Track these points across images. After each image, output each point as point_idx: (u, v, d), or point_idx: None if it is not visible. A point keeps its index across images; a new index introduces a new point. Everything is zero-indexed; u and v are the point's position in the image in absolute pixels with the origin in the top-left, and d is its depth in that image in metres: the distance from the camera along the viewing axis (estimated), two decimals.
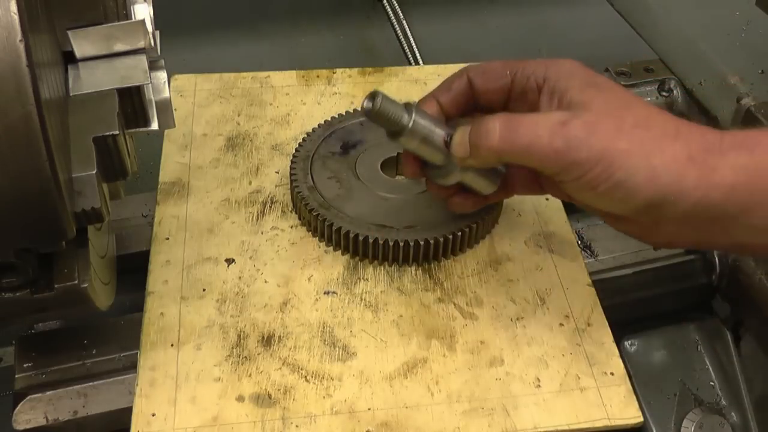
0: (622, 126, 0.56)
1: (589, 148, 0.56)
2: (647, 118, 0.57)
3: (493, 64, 0.65)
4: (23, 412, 0.64)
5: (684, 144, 0.56)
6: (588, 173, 0.56)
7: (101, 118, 0.52)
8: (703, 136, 0.57)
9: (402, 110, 0.63)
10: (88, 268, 0.54)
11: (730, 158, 0.55)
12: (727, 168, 0.55)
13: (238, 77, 0.93)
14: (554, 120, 0.57)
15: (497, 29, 1.35)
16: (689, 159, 0.55)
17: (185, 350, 0.65)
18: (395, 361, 0.65)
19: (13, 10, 0.41)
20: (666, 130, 0.57)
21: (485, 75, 0.65)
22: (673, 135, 0.56)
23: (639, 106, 0.59)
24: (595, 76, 0.61)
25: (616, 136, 0.56)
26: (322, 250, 0.74)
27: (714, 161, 0.55)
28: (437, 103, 0.66)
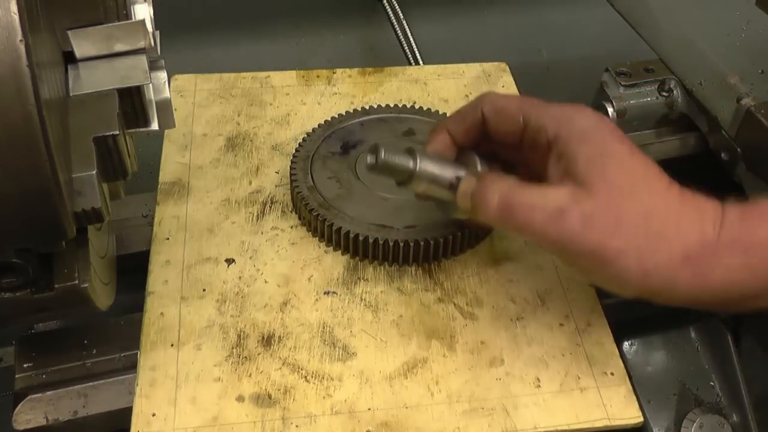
0: (620, 221, 0.56)
1: (583, 242, 0.56)
2: (649, 210, 0.56)
3: (508, 104, 0.63)
4: (23, 412, 0.64)
5: (681, 241, 0.55)
6: (580, 263, 0.57)
7: (101, 118, 0.52)
8: (702, 229, 0.56)
9: (406, 158, 0.62)
10: (88, 268, 0.54)
11: (725, 260, 0.55)
12: (721, 271, 0.55)
13: (238, 77, 0.93)
14: (552, 206, 0.57)
15: (497, 29, 1.34)
16: (684, 259, 0.55)
17: (185, 350, 0.65)
18: (395, 361, 0.65)
19: (13, 10, 0.40)
20: (666, 222, 0.56)
21: (499, 115, 0.63)
22: (673, 229, 0.56)
23: (643, 191, 0.57)
24: (606, 142, 0.58)
25: (612, 233, 0.55)
26: (322, 250, 0.74)
27: (708, 263, 0.55)
28: (449, 133, 0.65)
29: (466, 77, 0.96)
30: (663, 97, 0.96)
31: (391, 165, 0.62)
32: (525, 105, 0.62)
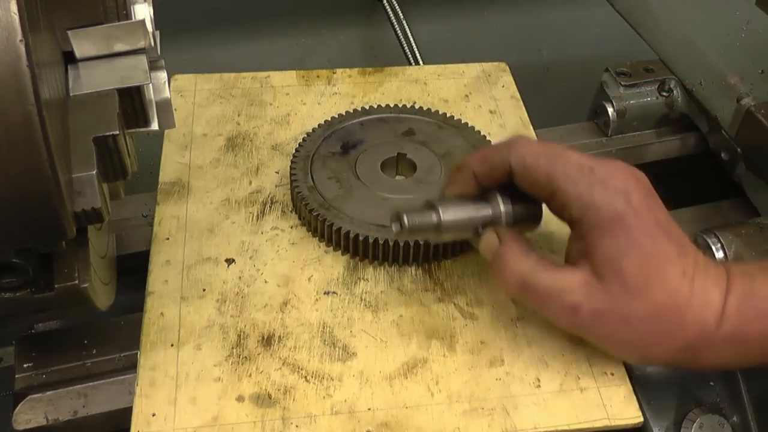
0: (629, 320, 0.59)
1: (591, 335, 0.62)
2: (658, 309, 0.58)
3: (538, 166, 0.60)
4: (23, 412, 0.64)
5: (682, 336, 0.59)
6: (589, 340, 0.63)
7: (101, 118, 0.52)
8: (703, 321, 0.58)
9: (428, 214, 0.63)
10: (88, 268, 0.54)
11: (719, 351, 0.59)
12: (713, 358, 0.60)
13: (238, 77, 0.93)
14: (567, 301, 0.59)
15: (497, 29, 1.34)
16: (684, 348, 0.59)
17: (185, 350, 0.65)
18: (395, 361, 0.65)
19: (13, 10, 0.40)
20: (672, 321, 0.58)
21: (526, 173, 0.61)
22: (678, 326, 0.58)
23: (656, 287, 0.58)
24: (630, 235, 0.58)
25: (620, 329, 0.59)
26: (322, 250, 0.74)
27: (704, 353, 0.60)
28: (473, 174, 0.63)
29: (466, 77, 0.96)
30: (663, 97, 0.96)
31: (417, 227, 0.62)
32: (556, 173, 0.60)
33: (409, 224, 0.62)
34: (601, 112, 0.97)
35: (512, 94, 0.93)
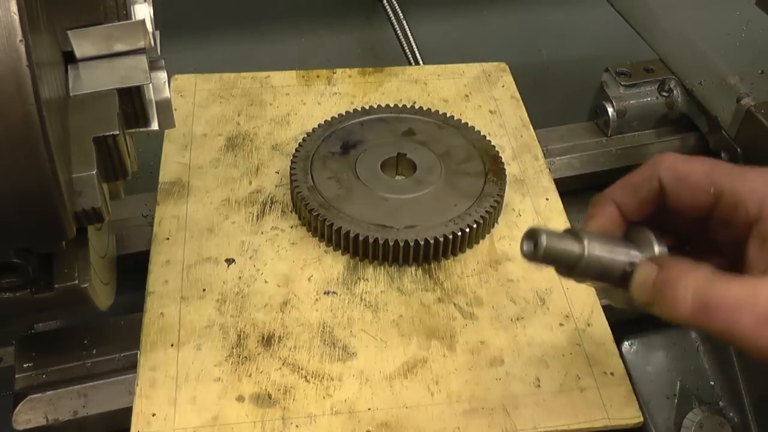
0: None
1: None
2: None
3: (693, 170, 0.52)
4: (23, 412, 0.64)
5: None
6: None
7: (101, 118, 0.52)
8: None
9: (571, 243, 0.52)
10: (88, 268, 0.54)
11: None
12: None
13: (238, 77, 0.93)
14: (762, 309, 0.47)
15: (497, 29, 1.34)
16: None
17: (185, 350, 0.65)
18: (395, 361, 0.65)
19: (13, 10, 0.40)
20: None
21: (682, 183, 0.52)
22: None
23: None
24: None
25: None
26: (322, 250, 0.74)
27: None
28: (616, 206, 0.54)
29: (466, 77, 0.96)
30: (663, 97, 0.96)
31: (554, 253, 0.51)
32: (715, 171, 0.51)
33: (546, 246, 0.51)
34: (601, 112, 0.98)
35: (512, 94, 0.93)
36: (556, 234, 0.52)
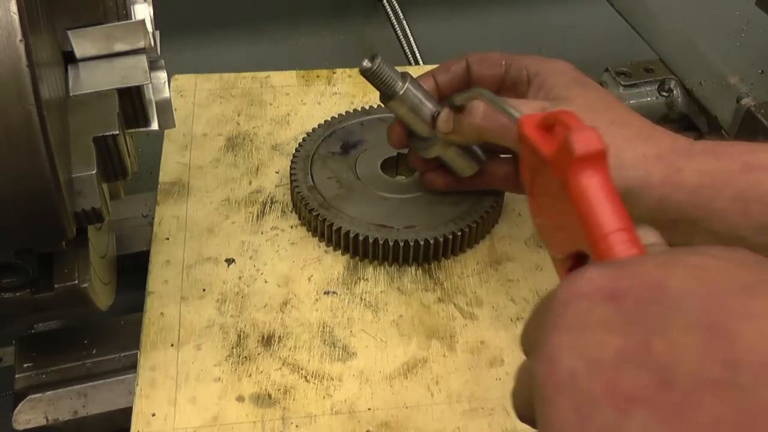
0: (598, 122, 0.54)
1: None
2: (624, 119, 0.60)
3: (492, 54, 0.69)
4: (23, 412, 0.64)
5: (654, 145, 0.58)
6: None
7: (101, 118, 0.52)
8: (674, 140, 0.59)
9: (398, 77, 0.66)
10: (88, 268, 0.54)
11: (697, 162, 0.57)
12: (692, 170, 0.57)
13: (238, 77, 0.93)
14: (535, 107, 0.60)
15: (497, 29, 1.35)
16: (657, 158, 0.58)
17: (185, 350, 0.65)
18: (395, 361, 0.65)
19: (13, 10, 0.41)
20: (640, 130, 0.60)
21: (483, 62, 0.68)
22: (646, 136, 0.59)
23: (619, 107, 0.62)
24: (584, 78, 0.64)
25: None
26: (322, 250, 0.74)
27: (681, 163, 0.57)
28: (434, 80, 0.69)
29: None
30: (663, 97, 0.96)
31: (383, 75, 0.65)
32: (507, 54, 0.68)
33: (378, 67, 0.65)
34: None
35: None
36: (392, 67, 0.66)
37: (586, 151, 0.42)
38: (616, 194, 0.42)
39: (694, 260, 0.34)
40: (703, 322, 0.31)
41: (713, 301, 0.32)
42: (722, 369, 0.30)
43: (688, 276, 0.33)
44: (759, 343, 0.30)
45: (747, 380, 0.29)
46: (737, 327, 0.31)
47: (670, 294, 0.33)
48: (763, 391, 0.29)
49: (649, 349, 0.32)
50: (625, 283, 0.35)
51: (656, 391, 0.31)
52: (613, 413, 0.32)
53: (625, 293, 0.35)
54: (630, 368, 0.32)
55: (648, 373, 0.32)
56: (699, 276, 0.33)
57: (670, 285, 0.33)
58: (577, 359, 0.34)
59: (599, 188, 0.41)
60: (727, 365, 0.30)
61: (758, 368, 0.29)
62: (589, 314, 0.35)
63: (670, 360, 0.31)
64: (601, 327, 0.34)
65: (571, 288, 0.37)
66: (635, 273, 0.35)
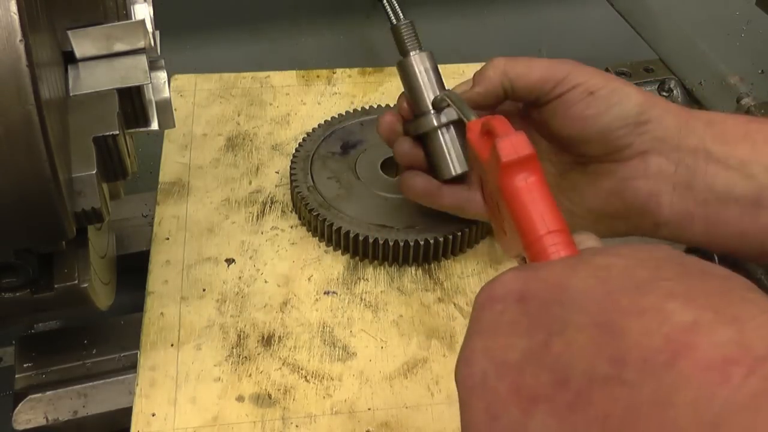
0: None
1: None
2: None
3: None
4: (23, 412, 0.64)
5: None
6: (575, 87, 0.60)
7: (101, 118, 0.52)
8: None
9: (418, 46, 0.69)
10: (88, 268, 0.54)
11: None
12: None
13: (238, 77, 0.93)
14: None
15: (497, 29, 1.34)
16: None
17: (185, 350, 0.65)
18: (395, 361, 0.65)
19: (13, 10, 0.40)
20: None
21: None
22: None
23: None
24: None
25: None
26: (322, 250, 0.74)
27: None
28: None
29: (466, 77, 0.95)
30: (663, 97, 0.96)
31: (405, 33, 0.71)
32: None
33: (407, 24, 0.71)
34: None
35: None
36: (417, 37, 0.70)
37: (512, 158, 0.43)
38: (550, 197, 0.42)
39: (600, 260, 0.35)
40: (596, 320, 0.32)
41: (607, 299, 0.33)
42: (610, 366, 0.31)
43: (590, 276, 0.34)
44: (643, 339, 0.30)
45: (631, 376, 0.30)
46: (625, 324, 0.31)
47: (570, 294, 0.34)
48: (646, 386, 0.30)
49: (548, 350, 0.33)
50: (533, 286, 0.36)
51: (554, 390, 0.32)
52: (518, 412, 0.33)
53: (531, 295, 0.36)
54: (532, 369, 0.34)
55: (547, 373, 0.33)
56: (599, 275, 0.34)
57: (571, 285, 0.34)
58: (489, 361, 0.36)
59: (529, 192, 0.42)
60: (614, 362, 0.31)
61: (641, 364, 0.30)
62: (501, 317, 0.36)
63: (566, 359, 0.32)
64: (510, 329, 0.36)
65: (487, 292, 0.38)
66: (543, 275, 0.36)
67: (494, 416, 0.34)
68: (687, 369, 0.29)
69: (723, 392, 0.28)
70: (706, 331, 0.29)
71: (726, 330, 0.29)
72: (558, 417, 0.32)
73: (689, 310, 0.30)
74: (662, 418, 0.29)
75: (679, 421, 0.28)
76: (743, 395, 0.27)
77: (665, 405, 0.29)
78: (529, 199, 0.42)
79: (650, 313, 0.31)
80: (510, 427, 0.34)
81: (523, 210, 0.42)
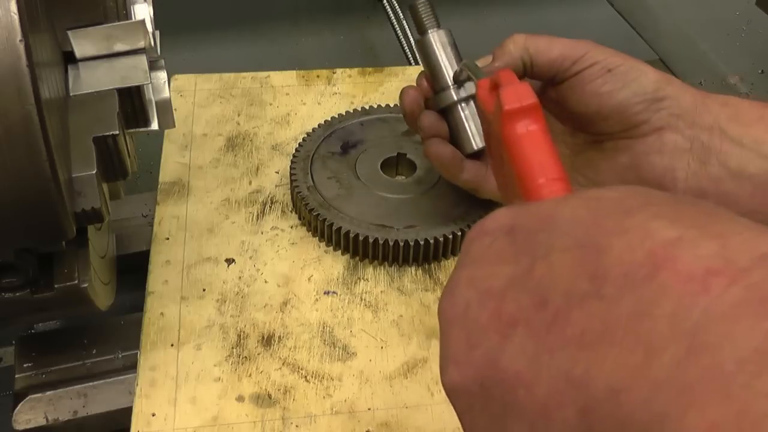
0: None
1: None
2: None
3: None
4: (23, 412, 0.64)
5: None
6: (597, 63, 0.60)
7: (101, 118, 0.52)
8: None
9: (436, 24, 0.69)
10: (88, 268, 0.54)
11: None
12: None
13: (238, 77, 0.93)
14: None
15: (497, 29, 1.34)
16: None
17: (185, 350, 0.65)
18: (395, 361, 0.65)
19: (13, 10, 0.41)
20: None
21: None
22: None
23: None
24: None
25: None
26: (322, 250, 0.74)
27: None
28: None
29: None
30: None
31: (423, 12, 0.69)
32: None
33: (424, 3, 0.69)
34: None
35: None
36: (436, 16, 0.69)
37: (515, 106, 0.42)
38: (550, 145, 0.42)
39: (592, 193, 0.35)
40: (580, 241, 0.32)
41: (593, 223, 0.32)
42: (589, 283, 0.30)
43: (579, 206, 0.34)
44: (625, 255, 0.30)
45: (610, 291, 0.30)
46: (608, 242, 0.31)
47: (557, 221, 0.34)
48: (624, 300, 0.29)
49: (531, 274, 0.33)
50: (522, 218, 0.36)
51: (533, 312, 0.32)
52: (496, 338, 0.33)
53: (520, 226, 0.35)
54: (514, 293, 0.33)
55: (528, 296, 0.33)
56: (588, 205, 0.34)
57: (559, 214, 0.34)
58: (473, 291, 0.35)
59: (530, 140, 0.42)
60: (595, 279, 0.30)
61: (621, 279, 0.30)
62: (488, 248, 0.36)
63: (548, 280, 0.32)
64: (496, 258, 0.35)
65: (478, 227, 0.38)
66: (533, 209, 0.36)
67: (473, 344, 0.34)
68: (667, 281, 0.28)
69: (702, 302, 0.27)
70: (689, 245, 0.29)
71: (710, 243, 0.29)
72: (535, 338, 0.31)
73: (674, 228, 0.30)
74: (639, 329, 0.28)
75: (656, 332, 0.28)
76: (723, 304, 0.27)
77: (643, 316, 0.28)
78: (530, 146, 0.42)
79: (634, 230, 0.31)
80: (487, 352, 0.33)
81: (523, 157, 0.42)
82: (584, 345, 0.29)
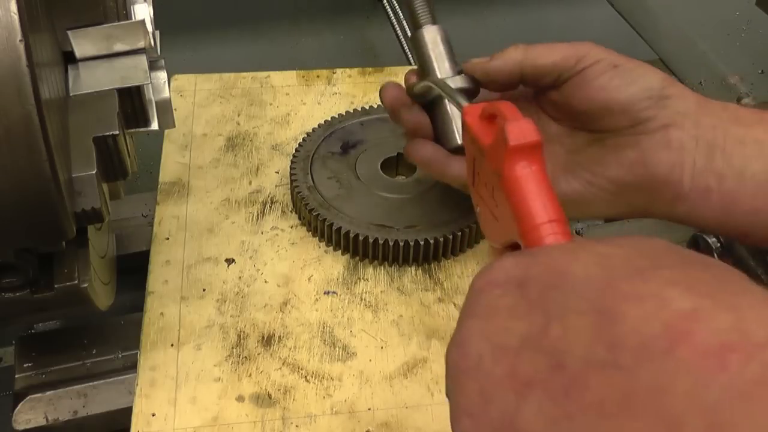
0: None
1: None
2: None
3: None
4: (23, 412, 0.64)
5: None
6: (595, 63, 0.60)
7: (101, 118, 0.52)
8: None
9: (429, 17, 0.68)
10: (88, 268, 0.54)
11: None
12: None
13: (238, 77, 0.93)
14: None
15: (497, 29, 1.35)
16: None
17: (185, 350, 0.65)
18: (395, 361, 0.65)
19: (13, 10, 0.41)
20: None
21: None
22: None
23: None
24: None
25: None
26: (322, 250, 0.74)
27: None
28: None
29: None
30: None
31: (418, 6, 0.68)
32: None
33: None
34: None
35: None
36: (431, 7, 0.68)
37: (521, 142, 0.42)
38: (549, 186, 0.42)
39: (601, 249, 0.35)
40: (596, 305, 0.32)
41: (608, 285, 0.33)
42: (607, 351, 0.31)
43: (591, 262, 0.34)
44: (641, 325, 0.30)
45: (628, 362, 0.30)
46: (623, 309, 0.31)
47: (570, 279, 0.34)
48: (642, 372, 0.29)
49: (547, 334, 0.33)
50: (533, 270, 0.36)
51: (550, 374, 0.32)
52: (512, 396, 0.33)
53: (532, 280, 0.36)
54: (529, 353, 0.33)
55: (544, 358, 0.33)
56: (600, 262, 0.34)
57: (571, 271, 0.34)
58: (485, 344, 0.35)
59: (532, 179, 0.42)
60: (612, 347, 0.31)
61: (639, 350, 0.30)
62: (499, 301, 0.36)
63: (564, 344, 0.32)
64: (508, 313, 0.35)
65: (486, 276, 0.38)
66: (542, 260, 0.36)
67: (488, 399, 0.34)
68: (685, 355, 0.29)
69: (721, 379, 0.28)
70: (705, 318, 0.29)
71: (725, 317, 0.29)
72: (553, 401, 0.32)
73: (689, 298, 0.30)
74: (659, 404, 0.28)
75: (676, 408, 0.28)
76: (741, 382, 0.27)
77: (662, 392, 0.29)
78: (531, 186, 0.42)
79: (649, 299, 0.31)
80: (503, 410, 0.33)
81: (523, 197, 0.42)
82: (605, 414, 0.30)
